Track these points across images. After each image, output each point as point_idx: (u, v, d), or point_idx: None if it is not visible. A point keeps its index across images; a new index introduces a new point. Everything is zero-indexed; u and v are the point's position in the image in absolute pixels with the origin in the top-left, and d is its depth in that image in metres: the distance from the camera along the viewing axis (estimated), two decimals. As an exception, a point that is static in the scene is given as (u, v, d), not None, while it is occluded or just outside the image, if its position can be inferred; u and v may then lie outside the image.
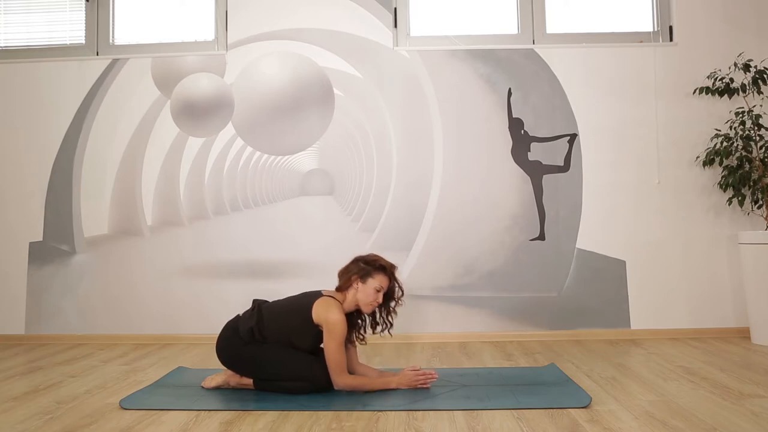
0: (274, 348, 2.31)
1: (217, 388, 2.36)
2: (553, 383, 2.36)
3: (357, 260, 2.39)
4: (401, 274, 3.38)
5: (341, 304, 2.32)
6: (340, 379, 2.24)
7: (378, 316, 2.40)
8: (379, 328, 2.41)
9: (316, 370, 2.26)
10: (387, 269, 2.35)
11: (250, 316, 2.35)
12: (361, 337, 2.43)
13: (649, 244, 3.44)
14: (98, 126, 3.62)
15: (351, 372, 2.35)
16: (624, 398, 2.16)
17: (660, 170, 3.46)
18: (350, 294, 2.34)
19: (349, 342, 2.36)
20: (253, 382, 2.33)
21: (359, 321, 2.42)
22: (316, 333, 2.30)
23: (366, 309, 2.35)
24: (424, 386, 2.28)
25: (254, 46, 3.59)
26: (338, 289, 2.38)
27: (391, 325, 2.40)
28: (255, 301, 2.42)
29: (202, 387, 2.37)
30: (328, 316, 2.25)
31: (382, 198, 3.52)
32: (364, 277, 2.32)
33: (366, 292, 2.31)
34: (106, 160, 3.61)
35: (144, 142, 3.61)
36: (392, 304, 2.39)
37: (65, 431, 1.89)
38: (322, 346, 2.30)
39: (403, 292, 2.40)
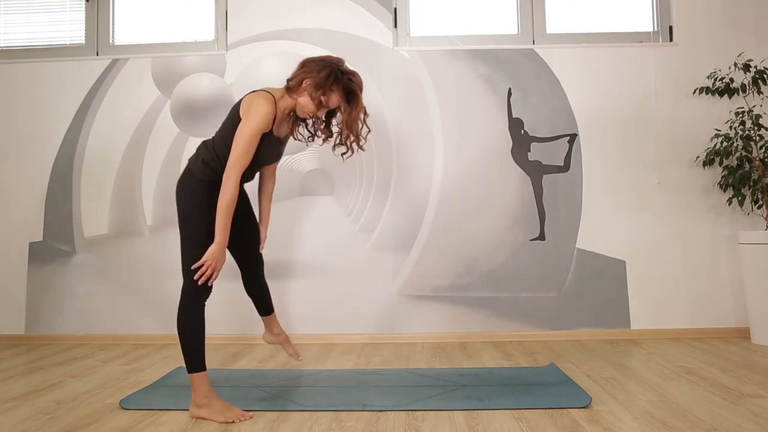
0: (199, 224, 2.13)
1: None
2: (553, 383, 2.36)
3: (327, 65, 2.02)
4: (401, 274, 3.44)
5: (274, 98, 2.01)
6: (230, 173, 1.96)
7: (340, 137, 2.07)
8: (332, 142, 2.10)
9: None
10: (355, 97, 2.05)
11: (199, 152, 2.16)
12: (307, 137, 2.14)
13: (649, 244, 3.44)
14: (98, 126, 3.62)
15: (261, 182, 2.21)
16: (624, 398, 2.16)
17: (660, 170, 3.46)
18: (293, 97, 2.04)
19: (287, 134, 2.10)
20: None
21: (313, 124, 2.12)
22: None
23: (300, 113, 2.05)
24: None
25: (254, 46, 3.58)
26: (287, 85, 2.06)
27: (352, 151, 2.07)
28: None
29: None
30: (251, 103, 1.97)
31: (382, 198, 3.52)
32: (320, 86, 1.98)
33: (309, 100, 2.00)
34: (106, 160, 3.61)
35: (144, 142, 3.61)
36: (348, 137, 2.05)
37: (65, 431, 1.89)
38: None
39: (368, 128, 2.12)
